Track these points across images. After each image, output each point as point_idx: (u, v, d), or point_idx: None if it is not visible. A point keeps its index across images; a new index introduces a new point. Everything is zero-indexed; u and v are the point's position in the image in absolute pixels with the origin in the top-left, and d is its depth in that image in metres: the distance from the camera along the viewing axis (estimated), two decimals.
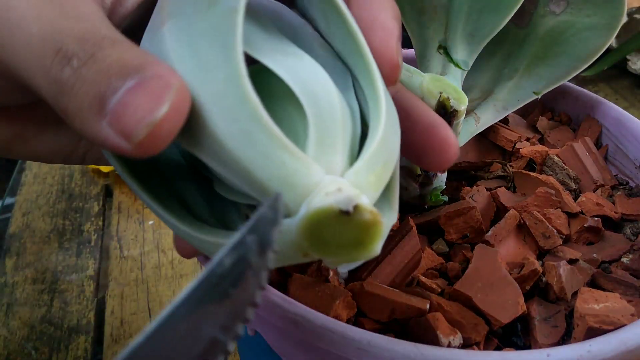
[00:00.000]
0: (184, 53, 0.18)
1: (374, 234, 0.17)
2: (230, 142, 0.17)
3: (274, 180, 0.17)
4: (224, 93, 0.17)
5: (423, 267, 0.29)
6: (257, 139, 0.16)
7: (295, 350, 0.24)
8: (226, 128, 0.17)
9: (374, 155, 0.18)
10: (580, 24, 0.34)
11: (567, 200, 0.31)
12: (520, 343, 0.26)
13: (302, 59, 0.19)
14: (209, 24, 0.17)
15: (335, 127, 0.18)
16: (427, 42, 0.34)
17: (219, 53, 0.17)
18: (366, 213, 0.17)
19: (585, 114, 0.39)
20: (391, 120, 0.19)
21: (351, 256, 0.18)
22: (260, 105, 0.16)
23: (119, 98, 0.16)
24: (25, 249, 0.51)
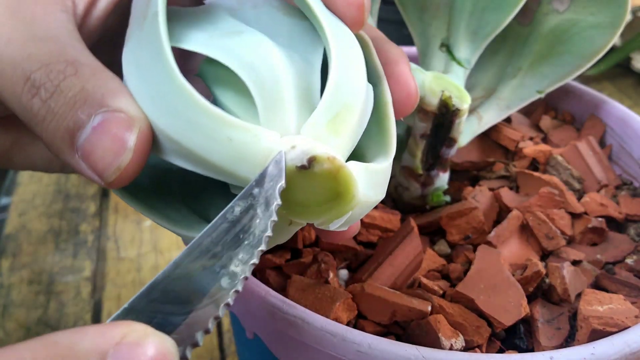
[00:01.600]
0: (132, 70, 0.19)
1: (345, 181, 0.17)
2: (178, 135, 0.17)
3: (227, 159, 0.17)
4: (164, 93, 0.17)
5: (424, 269, 0.28)
6: (200, 124, 0.17)
7: (294, 353, 0.24)
8: (172, 123, 0.17)
9: (330, 102, 0.18)
10: (584, 22, 0.34)
11: (570, 201, 0.31)
12: (523, 345, 0.26)
13: (240, 35, 0.20)
14: (144, 35, 0.18)
15: (279, 90, 0.18)
16: (430, 40, 0.34)
17: (152, 58, 0.18)
18: (324, 162, 0.17)
19: (589, 113, 0.39)
20: (348, 62, 0.19)
21: (335, 211, 0.18)
22: (194, 93, 0.17)
23: (86, 137, 0.18)
24: (21, 249, 0.51)
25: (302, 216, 0.18)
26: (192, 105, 0.17)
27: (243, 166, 0.17)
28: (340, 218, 0.18)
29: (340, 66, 0.19)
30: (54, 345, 0.13)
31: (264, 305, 0.23)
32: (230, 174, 0.17)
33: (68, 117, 0.18)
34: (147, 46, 0.18)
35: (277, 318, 0.23)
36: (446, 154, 0.31)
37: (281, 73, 0.19)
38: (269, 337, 0.25)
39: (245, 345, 0.32)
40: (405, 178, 0.32)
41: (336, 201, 0.17)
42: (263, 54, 0.19)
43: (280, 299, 0.23)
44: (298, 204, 0.18)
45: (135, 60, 0.19)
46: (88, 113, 0.18)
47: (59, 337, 0.13)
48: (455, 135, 0.31)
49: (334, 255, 0.29)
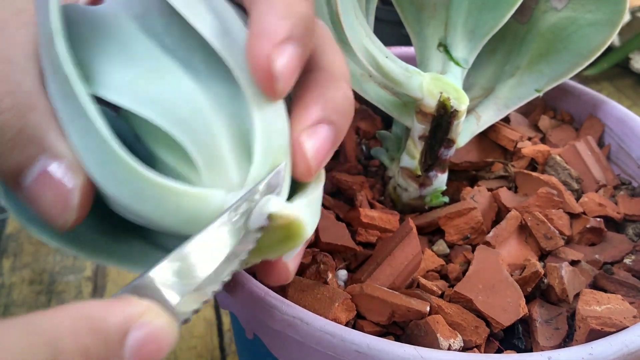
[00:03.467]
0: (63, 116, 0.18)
1: (296, 228, 0.18)
2: (127, 202, 0.18)
3: (180, 224, 0.18)
4: (103, 161, 0.17)
5: (423, 269, 0.28)
6: (147, 194, 0.17)
7: (294, 354, 0.24)
8: (119, 191, 0.18)
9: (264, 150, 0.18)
10: (582, 20, 0.34)
11: (569, 201, 0.31)
12: (521, 346, 0.26)
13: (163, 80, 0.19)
14: (62, 90, 0.17)
15: (216, 145, 0.18)
16: (427, 40, 0.34)
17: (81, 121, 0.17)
18: (279, 219, 0.18)
19: (587, 113, 0.39)
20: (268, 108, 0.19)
21: (286, 249, 0.19)
22: (135, 165, 0.17)
23: (30, 184, 0.17)
24: (22, 249, 0.51)
25: (257, 257, 0.19)
26: (134, 177, 0.17)
27: (195, 227, 0.18)
28: (292, 251, 0.20)
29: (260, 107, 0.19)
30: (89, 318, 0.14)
31: (264, 306, 0.23)
32: (183, 234, 0.18)
33: (9, 159, 0.17)
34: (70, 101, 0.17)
35: (276, 318, 0.23)
36: (444, 154, 0.31)
37: (214, 125, 0.18)
38: (269, 337, 0.25)
39: (245, 345, 0.32)
40: (403, 179, 0.32)
41: (289, 241, 0.19)
42: (191, 102, 0.18)
43: (280, 300, 0.23)
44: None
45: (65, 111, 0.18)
46: (29, 156, 0.17)
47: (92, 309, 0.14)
48: (454, 136, 0.31)
49: (333, 256, 0.29)
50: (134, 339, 0.15)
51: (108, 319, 0.14)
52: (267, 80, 0.18)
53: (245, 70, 0.18)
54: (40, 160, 0.17)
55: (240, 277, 0.24)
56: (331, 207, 0.32)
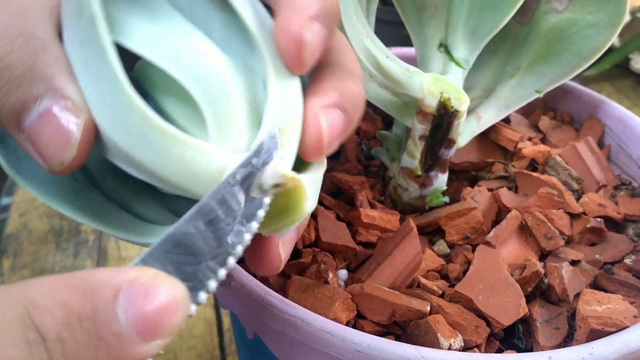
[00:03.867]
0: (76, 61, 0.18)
1: (299, 197, 0.18)
2: (130, 148, 0.17)
3: (179, 175, 0.17)
4: (112, 103, 0.17)
5: (424, 269, 0.28)
6: (152, 141, 0.17)
7: (294, 353, 0.24)
8: (123, 136, 0.17)
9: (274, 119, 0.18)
10: (583, 22, 0.34)
11: (569, 201, 0.31)
12: (521, 345, 0.26)
13: (185, 39, 0.19)
14: (84, 33, 0.18)
15: (230, 106, 0.18)
16: (428, 41, 0.34)
17: (98, 63, 0.17)
18: (289, 182, 0.17)
19: (587, 113, 0.39)
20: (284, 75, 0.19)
21: (283, 223, 0.18)
22: (147, 109, 0.17)
23: (32, 121, 0.17)
24: (23, 249, 0.51)
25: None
26: (142, 121, 0.17)
27: (195, 183, 0.17)
28: (288, 228, 0.19)
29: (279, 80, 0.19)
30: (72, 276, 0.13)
31: (264, 305, 0.23)
32: (182, 189, 0.18)
33: (13, 97, 0.17)
34: (89, 49, 0.17)
35: (277, 318, 0.23)
36: (445, 155, 0.31)
37: (231, 88, 0.18)
38: (269, 336, 0.25)
39: (245, 344, 0.32)
40: (404, 179, 0.32)
41: (286, 214, 0.18)
42: (211, 66, 0.19)
43: (280, 299, 0.23)
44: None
45: (80, 57, 0.18)
46: (34, 94, 0.17)
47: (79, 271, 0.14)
48: (454, 136, 0.31)
49: (334, 255, 0.29)
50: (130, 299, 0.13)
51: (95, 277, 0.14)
52: (297, 50, 0.18)
53: (268, 42, 0.19)
54: (46, 98, 0.17)
55: (240, 277, 0.24)
56: (332, 207, 0.32)
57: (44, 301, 0.13)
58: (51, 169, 0.18)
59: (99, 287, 0.13)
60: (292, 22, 0.18)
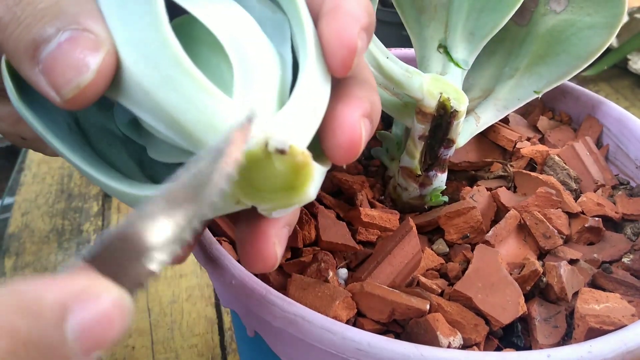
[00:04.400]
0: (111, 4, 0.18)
1: (305, 177, 0.17)
2: (153, 87, 0.17)
3: (198, 123, 0.17)
4: (146, 40, 0.17)
5: (423, 268, 0.29)
6: (179, 83, 0.17)
7: (294, 351, 0.24)
8: (149, 74, 0.17)
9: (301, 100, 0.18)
10: (581, 23, 0.34)
11: (567, 200, 0.31)
12: (520, 344, 0.26)
13: (229, 6, 0.19)
14: None
15: (260, 72, 0.18)
16: (427, 42, 0.34)
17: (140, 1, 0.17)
18: (298, 155, 0.17)
19: (586, 113, 0.39)
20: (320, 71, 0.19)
21: (284, 201, 0.18)
22: (181, 51, 0.17)
23: (51, 50, 0.17)
24: (25, 249, 0.51)
25: (253, 198, 0.18)
26: (175, 63, 0.17)
27: (210, 135, 0.17)
28: (285, 208, 0.19)
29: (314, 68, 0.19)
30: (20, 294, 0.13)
31: (265, 304, 0.24)
32: (196, 139, 0.17)
33: (34, 29, 0.17)
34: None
35: (277, 316, 0.23)
36: (444, 154, 0.32)
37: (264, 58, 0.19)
38: (270, 335, 0.25)
39: (246, 343, 0.32)
40: (403, 179, 0.32)
41: (291, 193, 0.18)
42: (250, 35, 0.19)
43: (281, 298, 0.23)
44: (253, 187, 0.18)
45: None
46: (57, 28, 0.17)
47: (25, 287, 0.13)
48: (454, 136, 0.31)
49: (334, 254, 0.29)
50: (77, 317, 0.13)
51: (43, 296, 0.13)
52: (349, 55, 0.19)
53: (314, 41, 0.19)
54: (68, 30, 0.17)
55: (241, 275, 0.25)
56: (332, 206, 0.32)
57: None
58: (64, 97, 0.17)
59: (45, 308, 0.13)
60: (349, 27, 0.19)
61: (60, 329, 0.13)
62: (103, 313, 0.13)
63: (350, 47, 0.19)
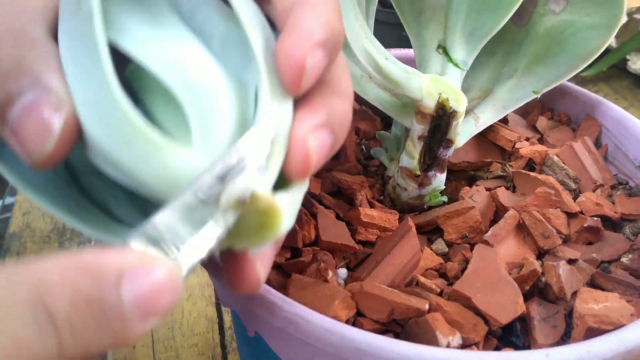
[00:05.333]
0: (67, 57, 0.18)
1: (274, 217, 0.17)
2: (109, 147, 0.17)
3: (159, 181, 0.17)
4: (97, 100, 0.17)
5: (422, 267, 0.29)
6: (133, 143, 0.17)
7: (294, 351, 0.24)
8: (105, 134, 0.17)
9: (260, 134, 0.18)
10: (580, 23, 0.34)
11: (566, 200, 0.31)
12: (519, 343, 0.26)
13: (181, 45, 0.19)
14: (78, 28, 0.18)
15: (217, 115, 0.18)
16: (426, 42, 0.34)
17: (88, 59, 0.17)
18: (261, 202, 0.17)
19: (584, 113, 0.39)
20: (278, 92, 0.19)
21: (257, 240, 0.18)
22: (131, 110, 0.17)
23: (16, 115, 0.17)
24: (26, 248, 0.51)
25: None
26: (125, 121, 0.17)
27: (171, 189, 0.17)
28: (262, 244, 0.19)
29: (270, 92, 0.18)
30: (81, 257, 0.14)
31: (265, 304, 0.24)
32: (157, 194, 0.18)
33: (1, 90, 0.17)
34: (82, 43, 0.17)
35: (277, 316, 0.23)
36: (443, 155, 0.32)
37: (221, 99, 0.18)
38: (270, 334, 0.25)
39: (246, 342, 0.32)
40: (403, 179, 0.33)
41: (263, 233, 0.18)
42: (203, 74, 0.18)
43: (281, 298, 0.24)
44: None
45: (72, 53, 0.18)
46: (20, 87, 0.17)
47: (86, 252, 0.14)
48: (453, 136, 0.31)
49: (333, 254, 0.29)
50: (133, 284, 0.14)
51: (101, 260, 0.14)
52: (296, 74, 0.18)
53: (267, 58, 0.19)
54: (30, 92, 0.17)
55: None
56: (331, 206, 0.32)
57: (56, 283, 0.13)
58: (33, 162, 0.18)
59: (105, 270, 0.14)
60: (296, 46, 0.18)
61: (117, 290, 0.14)
62: (158, 283, 0.14)
63: (298, 66, 0.18)
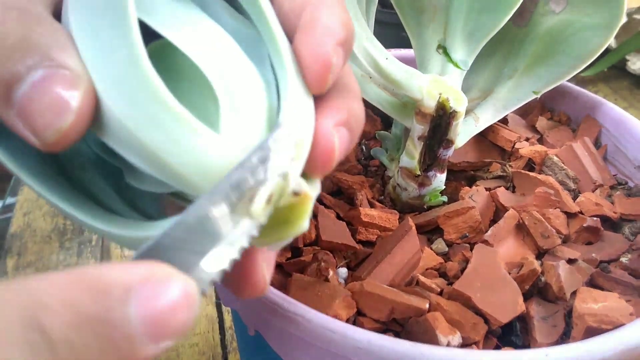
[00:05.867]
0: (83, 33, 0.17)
1: (303, 211, 0.17)
2: (135, 127, 0.16)
3: (186, 165, 0.16)
4: (125, 76, 0.16)
5: (422, 267, 0.29)
6: (163, 122, 0.16)
7: (295, 350, 0.24)
8: (130, 113, 0.16)
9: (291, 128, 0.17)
10: (580, 24, 0.34)
11: (566, 200, 0.31)
12: (519, 342, 0.26)
13: (210, 29, 0.18)
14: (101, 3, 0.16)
15: (247, 103, 0.17)
16: (427, 42, 0.34)
17: (115, 33, 0.16)
18: (299, 192, 0.17)
19: (584, 114, 0.39)
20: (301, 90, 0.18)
21: (279, 236, 0.17)
22: (163, 87, 0.16)
23: (25, 92, 0.16)
24: (26, 248, 0.51)
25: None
26: (158, 101, 0.16)
27: (199, 175, 0.16)
28: (282, 242, 0.18)
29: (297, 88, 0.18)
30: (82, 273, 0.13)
31: (265, 303, 0.24)
32: (185, 180, 0.16)
33: (4, 68, 0.16)
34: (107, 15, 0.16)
35: (278, 315, 0.23)
36: (443, 155, 0.32)
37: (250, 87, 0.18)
38: (270, 334, 0.25)
39: (246, 341, 0.32)
40: (403, 179, 0.33)
41: (287, 228, 0.17)
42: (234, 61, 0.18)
43: (281, 297, 0.24)
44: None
45: (91, 27, 0.16)
46: (28, 65, 0.16)
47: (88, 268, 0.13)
48: (453, 136, 0.31)
49: (334, 254, 0.29)
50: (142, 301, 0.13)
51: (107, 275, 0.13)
52: (324, 72, 0.18)
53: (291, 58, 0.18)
54: (41, 68, 0.16)
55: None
56: (332, 206, 0.32)
57: (53, 301, 0.12)
58: (44, 141, 0.16)
59: (110, 286, 0.12)
60: (322, 43, 0.18)
61: (124, 307, 0.12)
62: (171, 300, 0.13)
63: (326, 63, 0.18)
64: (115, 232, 0.18)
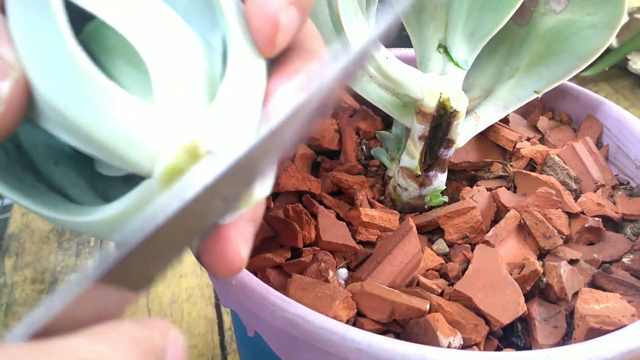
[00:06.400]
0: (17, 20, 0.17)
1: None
2: (63, 105, 0.16)
3: (119, 140, 0.16)
4: (50, 54, 0.16)
5: (423, 268, 0.29)
6: (88, 97, 0.15)
7: (294, 351, 0.24)
8: (57, 91, 0.16)
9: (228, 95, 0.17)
10: (581, 23, 0.34)
11: (567, 201, 0.31)
12: (520, 344, 0.26)
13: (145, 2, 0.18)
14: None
15: (180, 71, 0.17)
16: (427, 41, 0.34)
17: (39, 14, 0.16)
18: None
19: (586, 113, 0.39)
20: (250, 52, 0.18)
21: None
22: (87, 62, 0.15)
23: None
24: (25, 249, 0.51)
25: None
26: (81, 75, 0.15)
27: (137, 150, 0.16)
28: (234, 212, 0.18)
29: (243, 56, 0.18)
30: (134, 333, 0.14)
31: (265, 304, 0.24)
32: (117, 155, 0.16)
33: None
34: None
35: (277, 316, 0.23)
36: (444, 155, 0.32)
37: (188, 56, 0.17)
38: (270, 335, 0.25)
39: (246, 343, 0.32)
40: (403, 179, 0.33)
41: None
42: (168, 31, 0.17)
43: (281, 298, 0.24)
44: None
45: (22, 12, 0.16)
46: None
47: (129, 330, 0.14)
48: (453, 136, 0.31)
49: (334, 254, 0.29)
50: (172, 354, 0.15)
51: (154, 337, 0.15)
52: (272, 31, 0.18)
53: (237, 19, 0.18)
54: None
55: (241, 276, 0.25)
56: (332, 206, 0.32)
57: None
58: None
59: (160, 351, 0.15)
60: (270, 3, 0.18)
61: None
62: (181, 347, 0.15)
63: (273, 21, 0.17)
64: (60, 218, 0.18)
